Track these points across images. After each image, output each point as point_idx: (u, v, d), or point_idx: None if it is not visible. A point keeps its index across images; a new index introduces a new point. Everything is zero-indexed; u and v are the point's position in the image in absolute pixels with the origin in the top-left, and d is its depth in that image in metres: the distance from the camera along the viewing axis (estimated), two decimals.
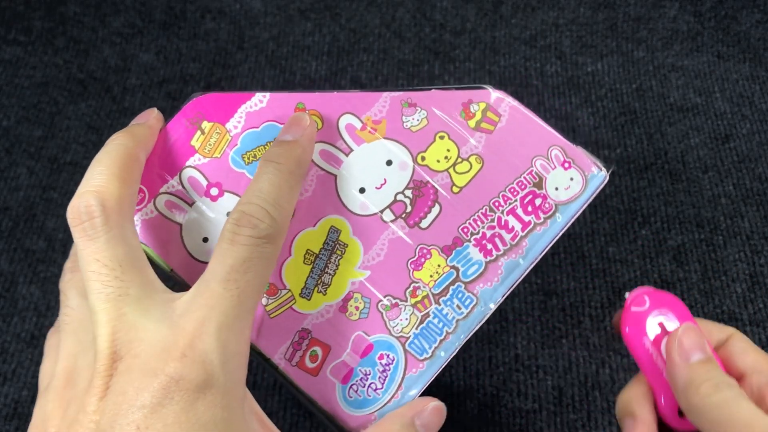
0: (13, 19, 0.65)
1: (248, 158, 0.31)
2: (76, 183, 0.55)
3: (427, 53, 0.63)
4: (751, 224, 0.53)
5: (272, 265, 0.27)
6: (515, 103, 0.31)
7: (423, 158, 0.31)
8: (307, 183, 0.31)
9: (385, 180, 0.31)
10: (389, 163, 0.31)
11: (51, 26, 0.65)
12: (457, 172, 0.31)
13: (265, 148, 0.31)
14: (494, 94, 0.31)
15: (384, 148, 0.31)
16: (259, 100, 0.33)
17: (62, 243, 0.52)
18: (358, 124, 0.32)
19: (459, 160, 0.31)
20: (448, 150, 0.31)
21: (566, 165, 0.31)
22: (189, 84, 0.61)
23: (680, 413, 0.27)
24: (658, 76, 0.62)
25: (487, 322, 0.30)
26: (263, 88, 0.61)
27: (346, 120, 0.32)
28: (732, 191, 0.55)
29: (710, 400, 0.25)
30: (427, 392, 0.31)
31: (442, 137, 0.31)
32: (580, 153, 0.31)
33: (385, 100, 0.31)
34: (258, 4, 0.66)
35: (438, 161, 0.31)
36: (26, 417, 0.45)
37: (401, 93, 0.31)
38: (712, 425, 0.24)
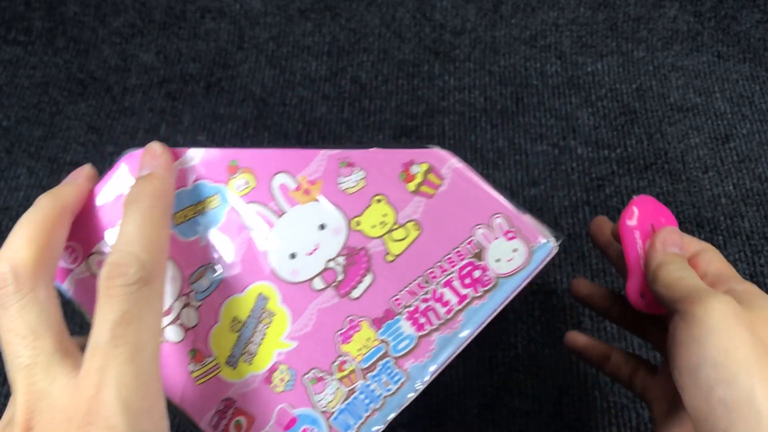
0: (14, 19, 0.65)
1: (178, 218, 0.30)
2: None
3: (427, 53, 0.63)
4: (751, 224, 0.53)
5: (157, 305, 0.26)
6: (460, 165, 0.28)
7: (358, 223, 0.29)
8: (236, 245, 0.30)
9: (317, 245, 0.29)
10: (322, 227, 0.29)
11: (51, 26, 0.65)
12: (392, 239, 0.29)
13: (196, 208, 0.30)
14: (439, 155, 0.28)
15: (318, 210, 0.29)
16: (191, 157, 0.30)
17: None
18: (293, 184, 0.30)
19: (395, 226, 0.29)
20: (385, 215, 0.29)
21: (510, 235, 0.28)
22: (189, 84, 0.61)
23: (641, 296, 0.34)
24: (658, 76, 0.62)
25: (489, 323, 0.30)
26: (263, 88, 0.61)
27: (280, 179, 0.30)
28: (732, 191, 0.55)
29: (673, 275, 0.31)
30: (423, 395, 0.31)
31: (379, 200, 0.29)
32: (526, 222, 0.28)
33: (322, 158, 0.29)
34: (258, 4, 0.66)
35: (373, 227, 0.29)
36: None
37: (339, 151, 0.29)
38: (670, 290, 0.30)
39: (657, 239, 0.33)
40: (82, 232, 0.30)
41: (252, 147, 0.30)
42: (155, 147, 0.29)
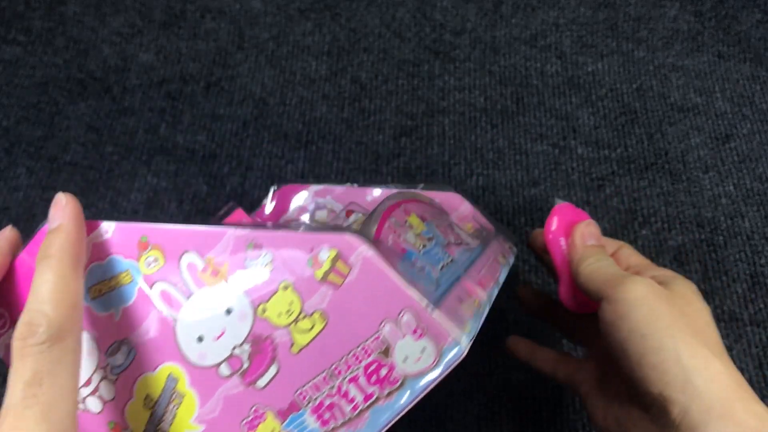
0: (13, 19, 0.65)
1: (93, 293, 0.30)
2: (76, 183, 0.55)
3: (428, 53, 0.63)
4: (751, 224, 0.53)
5: (71, 362, 0.26)
6: (370, 253, 0.26)
7: (264, 310, 0.28)
8: (147, 324, 0.29)
9: (223, 330, 0.28)
10: (229, 311, 0.28)
11: (51, 26, 0.65)
12: (298, 330, 0.27)
13: (110, 283, 0.29)
14: (349, 242, 0.27)
15: (225, 294, 0.28)
16: (105, 230, 0.30)
17: None
18: (201, 265, 0.29)
19: (302, 315, 0.27)
20: (291, 303, 0.28)
21: (418, 333, 0.26)
22: (189, 84, 0.61)
23: (574, 298, 0.36)
24: (658, 75, 0.62)
25: (489, 322, 0.30)
26: (263, 88, 0.61)
27: (188, 259, 0.29)
28: (732, 191, 0.55)
29: (593, 266, 0.33)
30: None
31: (286, 287, 0.28)
32: (435, 321, 0.26)
33: (229, 239, 0.28)
34: (258, 3, 0.66)
35: (279, 315, 0.28)
36: None
37: (247, 232, 0.28)
38: (592, 279, 0.33)
39: (576, 235, 0.36)
40: (10, 297, 0.29)
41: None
42: (60, 198, 0.29)
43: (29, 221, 0.53)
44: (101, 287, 0.30)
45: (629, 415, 0.32)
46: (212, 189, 0.55)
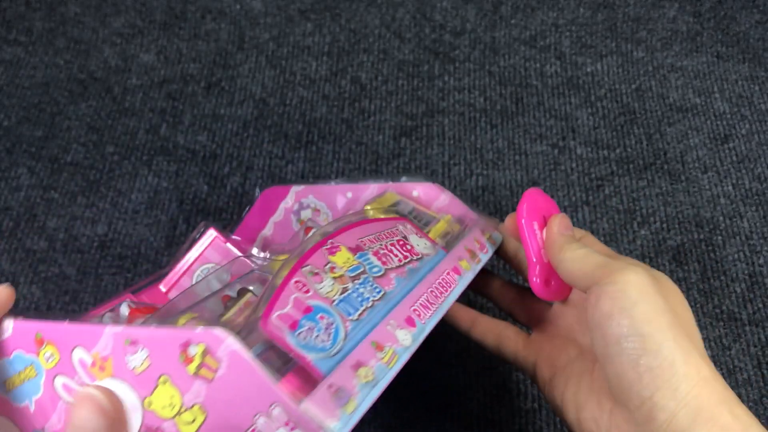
0: (14, 20, 0.65)
1: (8, 385, 0.31)
2: (77, 183, 0.55)
3: (427, 53, 0.63)
4: (750, 224, 0.54)
5: None
6: (237, 346, 0.25)
7: (150, 403, 0.28)
8: (57, 416, 0.30)
9: None
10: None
11: (52, 27, 0.65)
12: (183, 422, 0.27)
13: (20, 377, 0.31)
14: (215, 336, 0.26)
15: (114, 388, 0.28)
16: (6, 328, 0.31)
17: (63, 243, 0.52)
18: (89, 360, 0.29)
19: (183, 408, 0.27)
20: (172, 396, 0.27)
21: (290, 426, 0.26)
22: (189, 84, 0.61)
23: (546, 284, 0.36)
24: (657, 76, 0.62)
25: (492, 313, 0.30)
26: (263, 89, 0.61)
27: (78, 354, 0.29)
28: (731, 191, 0.55)
29: (578, 252, 0.33)
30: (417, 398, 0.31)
31: (164, 382, 0.28)
32: (304, 415, 0.25)
33: (108, 336, 0.28)
34: (258, 4, 0.67)
35: (164, 407, 0.28)
36: None
37: (123, 329, 0.28)
38: (580, 265, 0.32)
39: (554, 225, 0.36)
40: None
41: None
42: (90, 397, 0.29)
43: (30, 221, 0.53)
44: (14, 380, 0.31)
45: (611, 415, 0.31)
46: (213, 189, 0.55)
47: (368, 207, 0.39)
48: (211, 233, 0.41)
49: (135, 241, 0.52)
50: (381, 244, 0.35)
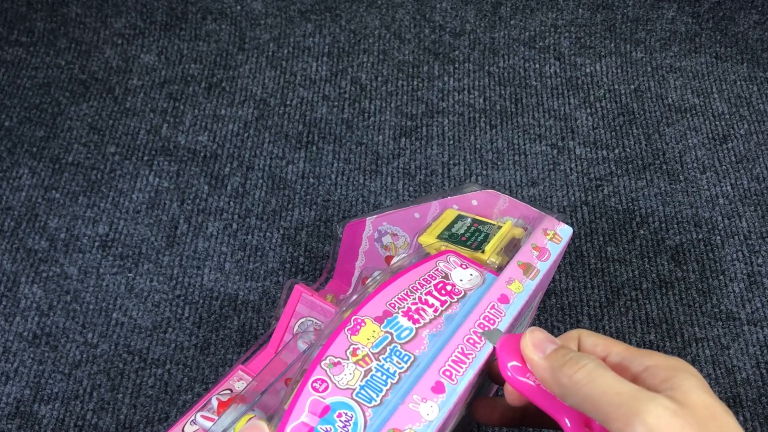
0: (16, 21, 0.66)
1: None
2: (78, 183, 0.55)
3: (427, 54, 0.64)
4: (748, 224, 0.54)
5: None
6: None
7: None
8: None
9: None
10: None
11: (53, 27, 0.65)
12: None
13: None
14: None
15: None
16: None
17: (64, 243, 0.52)
18: None
19: None
20: None
21: None
22: (190, 84, 0.61)
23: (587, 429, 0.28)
24: (656, 76, 0.62)
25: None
26: (263, 89, 0.61)
27: None
28: (730, 191, 0.55)
29: (577, 377, 0.25)
30: None
31: None
32: None
33: None
34: (259, 5, 0.67)
35: None
36: (28, 416, 0.45)
37: None
38: (586, 400, 0.25)
39: (527, 350, 0.28)
40: None
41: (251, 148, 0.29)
42: None
43: (31, 221, 0.53)
44: None
45: None
46: (213, 189, 0.55)
47: (421, 239, 0.39)
48: (297, 290, 0.43)
49: (136, 241, 0.52)
50: (414, 298, 0.33)
